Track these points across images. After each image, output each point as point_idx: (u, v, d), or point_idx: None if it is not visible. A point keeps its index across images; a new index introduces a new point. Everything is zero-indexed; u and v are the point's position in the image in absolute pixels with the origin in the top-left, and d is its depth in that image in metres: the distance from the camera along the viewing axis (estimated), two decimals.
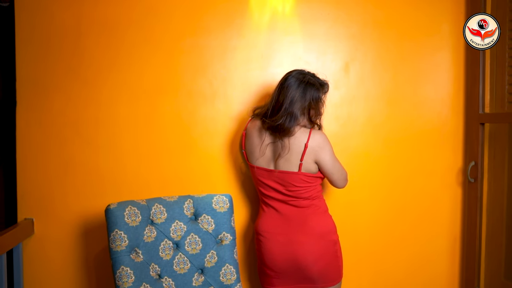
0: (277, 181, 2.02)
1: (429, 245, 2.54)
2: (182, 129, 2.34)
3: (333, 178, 2.06)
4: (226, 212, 2.09)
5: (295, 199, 2.03)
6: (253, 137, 2.05)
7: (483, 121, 2.35)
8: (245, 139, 2.08)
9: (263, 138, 2.01)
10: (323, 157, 2.00)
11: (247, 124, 2.09)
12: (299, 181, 2.00)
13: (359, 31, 2.42)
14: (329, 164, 2.02)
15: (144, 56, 2.30)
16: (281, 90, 1.94)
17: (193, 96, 2.33)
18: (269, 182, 2.04)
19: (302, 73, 1.98)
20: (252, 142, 2.05)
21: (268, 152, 2.01)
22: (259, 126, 2.04)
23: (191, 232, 2.03)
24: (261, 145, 2.00)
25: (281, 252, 2.01)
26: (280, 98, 1.94)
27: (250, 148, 2.06)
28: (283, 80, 1.97)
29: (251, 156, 2.07)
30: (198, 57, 2.32)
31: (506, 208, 2.39)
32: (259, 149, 2.02)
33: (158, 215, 1.97)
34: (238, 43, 2.34)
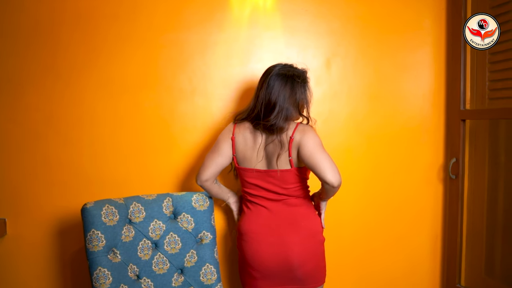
0: (272, 181, 1.98)
1: (410, 242, 2.56)
2: (162, 125, 2.32)
3: (321, 166, 1.82)
4: (206, 211, 2.08)
5: (288, 197, 2.00)
6: (245, 141, 1.99)
7: (464, 117, 2.38)
8: (235, 144, 2.01)
9: (259, 140, 1.97)
10: (305, 142, 1.88)
11: (234, 130, 2.01)
12: (293, 178, 1.98)
13: (341, 26, 2.42)
14: (311, 148, 1.86)
15: (122, 51, 2.27)
16: (270, 88, 1.90)
17: (173, 92, 2.31)
18: (261, 183, 2.00)
19: (284, 67, 1.96)
20: (245, 146, 1.99)
21: (264, 153, 1.98)
22: (250, 129, 1.99)
23: (170, 231, 2.01)
24: (258, 147, 1.96)
25: (272, 253, 1.97)
26: (272, 97, 1.89)
27: (243, 152, 2.00)
28: (268, 78, 1.92)
29: (243, 160, 2.01)
30: (178, 53, 2.31)
31: (487, 204, 2.43)
32: (256, 152, 1.97)
33: (136, 214, 1.96)
34: (218, 38, 2.33)
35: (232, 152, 2.01)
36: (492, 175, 2.43)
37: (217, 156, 2.01)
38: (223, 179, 2.34)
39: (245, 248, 2.02)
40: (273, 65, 1.99)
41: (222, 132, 2.05)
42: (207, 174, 2.02)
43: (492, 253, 2.45)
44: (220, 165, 2.02)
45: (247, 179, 2.02)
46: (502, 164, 2.41)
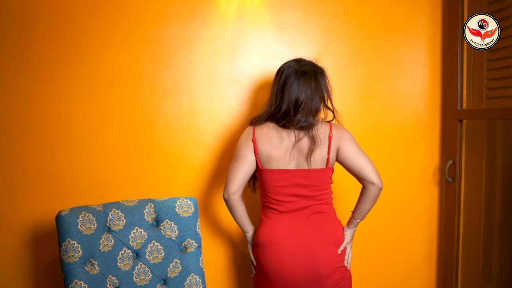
0: (302, 182, 1.89)
1: (405, 247, 2.54)
2: (143, 126, 2.27)
3: (365, 167, 1.86)
4: (191, 217, 2.02)
5: (316, 201, 1.91)
6: (270, 140, 1.89)
7: (461, 117, 2.35)
8: (257, 145, 1.90)
9: (287, 139, 1.88)
10: (346, 143, 1.89)
11: (254, 131, 1.91)
12: (326, 179, 1.91)
13: (332, 22, 2.39)
14: (355, 150, 1.89)
15: (101, 47, 2.21)
16: (295, 86, 1.84)
17: (155, 90, 2.27)
18: (289, 185, 1.89)
19: (300, 63, 1.90)
20: (270, 145, 1.89)
21: (295, 152, 1.89)
22: (276, 128, 1.90)
23: (152, 239, 1.95)
24: (288, 146, 1.88)
25: (298, 264, 1.85)
26: (300, 94, 1.84)
27: (267, 152, 1.89)
28: (289, 76, 1.86)
29: (268, 161, 1.90)
30: (161, 49, 2.26)
31: (484, 208, 2.40)
32: (284, 151, 1.88)
33: (116, 221, 1.89)
34: (203, 33, 2.28)
35: (254, 154, 1.91)
36: (490, 178, 2.39)
37: (240, 164, 1.91)
38: (208, 177, 2.29)
39: (266, 260, 1.89)
40: (286, 63, 1.93)
41: (240, 137, 1.95)
42: (234, 185, 1.90)
43: (489, 258, 2.42)
44: (246, 173, 1.91)
45: (272, 182, 1.91)
46: (499, 166, 2.38)
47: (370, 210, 1.94)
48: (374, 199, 1.91)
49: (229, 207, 1.95)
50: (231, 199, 1.91)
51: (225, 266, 2.39)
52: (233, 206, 1.94)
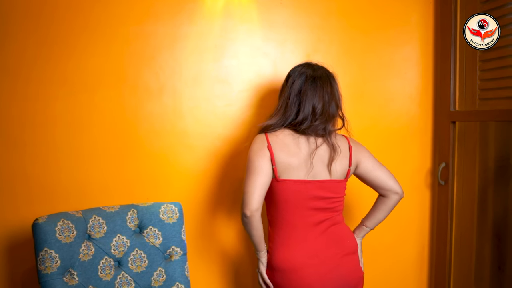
0: (321, 194, 1.79)
1: (395, 253, 2.50)
2: (125, 127, 2.19)
3: (388, 178, 1.89)
4: (176, 223, 1.97)
5: (333, 213, 1.85)
6: (288, 148, 1.77)
7: (454, 119, 2.32)
8: (274, 152, 1.76)
9: (305, 146, 1.79)
10: (365, 157, 1.88)
11: (268, 139, 1.78)
12: (343, 190, 1.86)
13: (322, 20, 2.35)
14: (375, 163, 1.90)
15: (80, 44, 2.13)
16: (312, 91, 1.78)
17: (138, 90, 2.20)
18: (308, 200, 1.78)
19: (312, 68, 1.85)
20: (288, 154, 1.77)
21: (314, 161, 1.80)
22: (292, 134, 1.80)
23: (135, 247, 1.89)
24: (307, 154, 1.78)
25: (327, 282, 1.77)
26: (318, 100, 1.77)
27: (286, 161, 1.76)
28: (304, 82, 1.79)
29: (286, 170, 1.77)
30: (143, 47, 2.19)
31: (477, 212, 2.37)
32: (304, 159, 1.78)
33: (97, 228, 1.83)
34: (189, 31, 2.22)
35: (272, 164, 1.75)
36: (483, 181, 2.37)
37: (258, 176, 1.73)
38: (193, 181, 2.23)
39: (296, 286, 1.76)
40: (297, 68, 1.86)
41: (252, 146, 1.80)
42: (256, 201, 1.70)
43: (482, 263, 2.40)
44: (265, 186, 1.74)
45: (290, 195, 1.77)
46: (493, 169, 2.35)
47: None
48: (392, 208, 1.92)
49: (250, 225, 1.73)
50: (253, 217, 1.70)
51: (211, 274, 2.32)
52: (254, 225, 1.73)
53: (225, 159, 2.27)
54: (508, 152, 2.32)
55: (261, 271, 1.86)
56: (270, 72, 2.29)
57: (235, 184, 2.28)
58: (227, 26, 2.25)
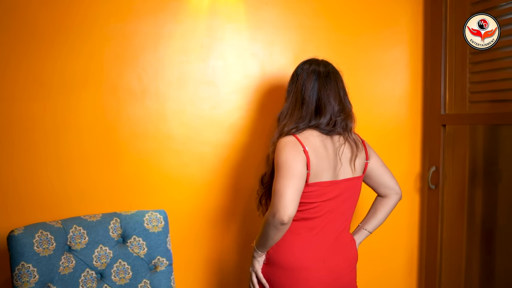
0: (345, 194, 1.74)
1: (383, 260, 2.47)
2: (106, 131, 2.12)
3: (392, 178, 1.87)
4: (161, 232, 1.93)
5: (345, 219, 1.78)
6: (317, 151, 1.69)
7: (445, 122, 2.30)
8: (309, 157, 1.65)
9: (330, 145, 1.72)
10: (374, 153, 1.86)
11: (300, 141, 1.67)
12: (359, 189, 1.81)
13: (311, 20, 2.31)
14: (380, 160, 1.86)
15: (58, 43, 2.05)
16: (331, 88, 1.73)
17: (120, 92, 2.13)
18: (330, 201, 1.72)
19: (322, 62, 1.81)
20: (320, 157, 1.68)
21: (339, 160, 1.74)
22: (319, 136, 1.72)
23: (118, 258, 1.84)
24: (333, 154, 1.72)
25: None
26: (337, 97, 1.73)
27: (318, 165, 1.67)
28: (320, 78, 1.73)
29: (317, 174, 1.68)
30: (125, 46, 2.12)
31: (467, 217, 2.35)
32: (332, 160, 1.71)
33: (77, 239, 1.76)
34: (173, 30, 2.16)
35: (307, 169, 1.64)
36: (473, 185, 2.34)
37: (295, 180, 1.61)
38: (179, 187, 2.19)
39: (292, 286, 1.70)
40: (303, 66, 1.79)
41: (285, 149, 1.66)
42: (295, 207, 1.60)
43: (472, 271, 2.37)
44: (301, 190, 1.64)
45: (315, 198, 1.69)
46: (482, 174, 2.33)
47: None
48: (392, 209, 1.90)
49: (280, 231, 1.64)
50: (289, 223, 1.61)
51: (199, 285, 2.26)
52: (285, 230, 1.65)
53: (212, 164, 2.21)
54: (496, 156, 2.32)
55: (257, 269, 1.77)
56: (258, 73, 2.25)
57: (223, 190, 2.22)
58: (213, 25, 2.20)
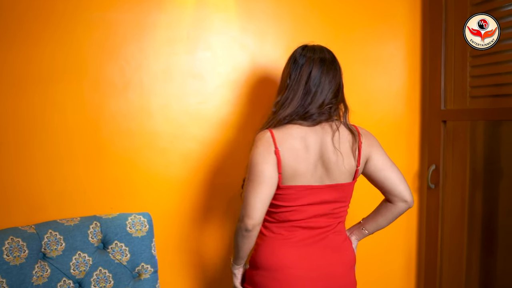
0: (327, 199, 1.62)
1: (380, 262, 2.42)
2: (86, 128, 2.03)
3: (399, 182, 1.65)
4: (145, 237, 1.89)
5: (335, 221, 1.67)
6: (295, 151, 1.57)
7: (445, 118, 2.23)
8: (281, 158, 1.55)
9: (314, 145, 1.58)
10: (376, 153, 1.65)
11: (274, 139, 1.56)
12: (350, 194, 1.68)
13: (306, 11, 2.24)
14: (387, 161, 1.66)
15: (33, 33, 1.95)
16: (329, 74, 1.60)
17: (100, 85, 2.04)
18: (311, 206, 1.61)
19: (318, 48, 1.66)
20: (297, 158, 1.57)
21: (322, 162, 1.60)
22: (301, 132, 1.59)
23: (98, 265, 1.78)
24: (315, 154, 1.58)
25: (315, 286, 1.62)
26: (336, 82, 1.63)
27: (293, 167, 1.57)
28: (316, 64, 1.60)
29: (292, 177, 1.59)
30: (107, 36, 2.03)
31: (468, 218, 2.27)
32: (317, 162, 1.59)
33: (53, 245, 1.70)
34: (158, 19, 2.07)
35: (278, 171, 1.55)
36: (474, 184, 2.27)
37: (263, 187, 1.55)
38: (164, 188, 2.11)
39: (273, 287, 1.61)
40: (299, 52, 1.67)
41: (257, 148, 1.58)
42: (260, 214, 1.56)
43: (472, 272, 2.30)
44: (270, 197, 1.57)
45: (290, 202, 1.61)
46: (483, 172, 2.26)
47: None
48: (397, 217, 1.72)
49: (247, 239, 1.59)
50: (255, 231, 1.57)
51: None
52: (252, 239, 1.60)
53: (200, 162, 2.12)
54: (498, 153, 2.25)
55: (237, 285, 1.71)
56: (248, 66, 2.16)
57: (212, 190, 2.14)
58: (201, 15, 2.12)
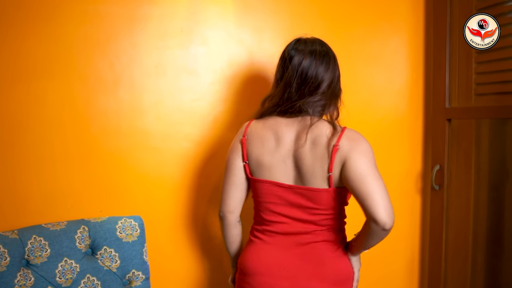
0: (300, 202, 1.52)
1: (381, 266, 2.35)
2: (74, 126, 1.96)
3: (374, 197, 1.37)
4: (136, 242, 1.82)
5: (317, 227, 1.55)
6: (263, 140, 1.55)
7: (450, 116, 2.16)
8: (246, 147, 1.57)
9: (288, 139, 1.51)
10: (355, 157, 1.43)
11: (247, 128, 1.60)
12: (329, 202, 1.50)
13: (304, 5, 2.19)
14: (364, 169, 1.42)
15: (16, 25, 1.87)
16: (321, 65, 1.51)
17: (89, 81, 1.97)
18: (281, 206, 1.55)
19: (310, 41, 1.57)
20: (262, 148, 1.54)
21: (294, 161, 1.52)
22: (276, 124, 1.54)
23: (86, 273, 1.71)
24: (287, 150, 1.51)
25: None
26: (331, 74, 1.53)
27: (257, 156, 1.55)
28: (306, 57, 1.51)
29: (257, 168, 1.56)
30: (95, 29, 1.96)
31: (473, 220, 2.20)
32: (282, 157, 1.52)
33: (37, 252, 1.63)
34: (150, 12, 2.01)
35: (243, 160, 1.58)
36: (479, 185, 2.20)
37: (230, 175, 1.62)
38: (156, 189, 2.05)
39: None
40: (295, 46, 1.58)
41: (234, 139, 1.66)
42: (229, 201, 1.63)
43: (478, 276, 2.24)
44: (239, 186, 1.61)
45: (261, 197, 1.58)
46: (489, 172, 2.19)
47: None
48: (378, 238, 1.47)
49: (223, 228, 1.69)
50: (226, 218, 1.65)
51: None
52: (227, 227, 1.67)
53: (194, 163, 2.06)
54: (504, 153, 2.18)
55: (228, 281, 1.77)
56: (245, 61, 2.10)
57: (207, 192, 2.07)
58: (196, 8, 2.06)
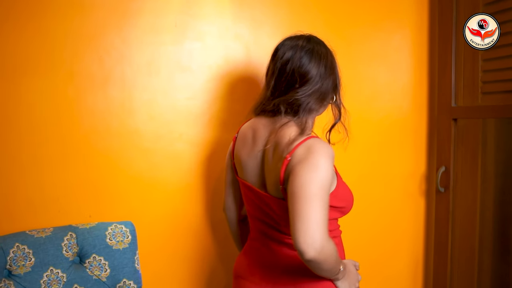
0: (263, 208, 1.45)
1: (384, 271, 2.31)
2: (60, 126, 1.87)
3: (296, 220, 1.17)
4: (127, 249, 1.75)
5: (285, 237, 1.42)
6: (245, 138, 1.50)
7: (456, 116, 2.10)
8: (234, 145, 1.54)
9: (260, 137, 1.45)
10: (297, 170, 1.25)
11: (241, 126, 1.58)
12: (281, 215, 1.38)
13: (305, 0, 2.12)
14: (299, 186, 1.21)
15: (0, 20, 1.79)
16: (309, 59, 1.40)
17: (76, 78, 1.88)
18: (256, 209, 1.48)
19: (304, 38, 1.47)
20: (243, 146, 1.49)
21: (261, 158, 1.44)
22: (261, 121, 1.47)
23: (74, 282, 1.63)
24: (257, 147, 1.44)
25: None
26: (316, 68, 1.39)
27: (237, 155, 1.52)
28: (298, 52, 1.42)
29: (239, 168, 1.52)
30: (84, 23, 1.88)
31: (479, 223, 2.15)
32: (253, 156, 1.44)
33: (20, 261, 1.57)
34: (142, 4, 1.93)
35: (232, 158, 1.60)
36: (486, 187, 2.15)
37: (226, 175, 1.69)
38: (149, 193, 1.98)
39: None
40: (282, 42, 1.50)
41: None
42: (226, 201, 1.73)
43: (485, 281, 2.19)
44: (234, 186, 1.67)
45: (244, 198, 1.61)
46: (498, 174, 2.14)
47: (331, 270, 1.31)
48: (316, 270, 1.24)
49: (228, 222, 1.78)
50: (226, 216, 1.76)
51: None
52: (229, 224, 1.77)
53: (189, 164, 1.99)
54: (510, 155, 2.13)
55: None
56: (243, 58, 2.03)
57: (203, 195, 2.00)
58: (190, 1, 1.99)
